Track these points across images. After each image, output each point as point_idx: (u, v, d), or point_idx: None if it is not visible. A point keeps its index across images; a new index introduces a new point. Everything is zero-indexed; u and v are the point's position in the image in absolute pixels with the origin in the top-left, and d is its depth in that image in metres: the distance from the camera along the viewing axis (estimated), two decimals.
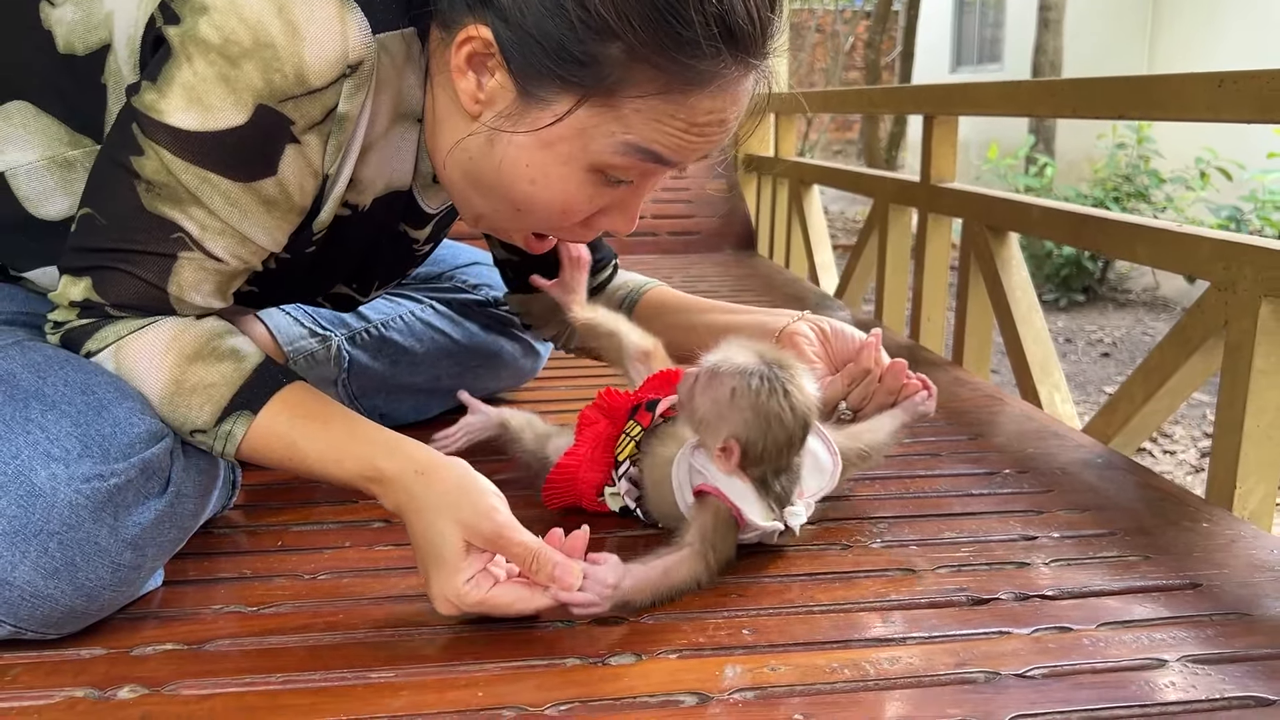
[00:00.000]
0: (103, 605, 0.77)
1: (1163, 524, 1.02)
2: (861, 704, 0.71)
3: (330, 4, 0.76)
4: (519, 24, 0.77)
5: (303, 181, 0.83)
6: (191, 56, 0.77)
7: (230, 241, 0.83)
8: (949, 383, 1.54)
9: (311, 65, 0.77)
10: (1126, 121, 5.72)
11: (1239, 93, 1.12)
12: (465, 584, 0.76)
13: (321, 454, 0.82)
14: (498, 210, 0.90)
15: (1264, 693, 0.72)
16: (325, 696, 0.71)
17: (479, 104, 0.83)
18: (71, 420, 0.76)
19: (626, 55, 0.76)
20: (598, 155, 0.82)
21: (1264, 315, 1.12)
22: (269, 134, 0.79)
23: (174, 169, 0.79)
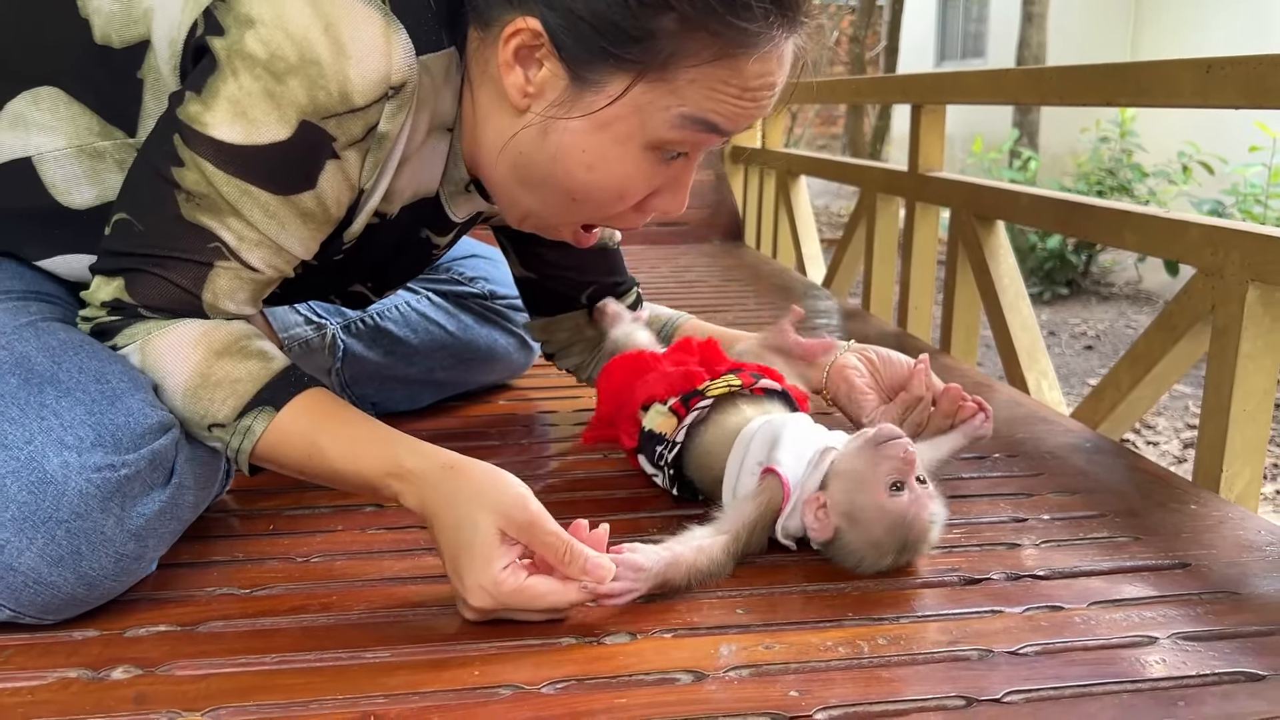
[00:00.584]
0: (102, 594, 0.77)
1: (1151, 506, 1.02)
2: (857, 680, 0.71)
3: (376, 25, 0.77)
4: (568, 9, 0.78)
5: (340, 195, 0.84)
6: (237, 70, 0.77)
7: (267, 252, 0.84)
8: (937, 370, 1.54)
9: (356, 84, 0.77)
10: (1110, 117, 5.75)
11: (1226, 79, 1.12)
12: (502, 571, 0.74)
13: (343, 451, 0.81)
14: (550, 203, 0.89)
15: (1253, 668, 0.73)
16: (320, 676, 0.71)
17: (528, 97, 0.83)
18: (85, 408, 0.75)
19: (680, 25, 0.77)
20: (654, 131, 0.82)
21: (1250, 300, 1.12)
22: (311, 149, 0.80)
23: (215, 181, 0.79)
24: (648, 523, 0.97)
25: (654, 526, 0.95)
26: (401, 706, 0.68)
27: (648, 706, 0.68)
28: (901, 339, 1.77)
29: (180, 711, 0.67)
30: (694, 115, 0.82)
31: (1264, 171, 4.70)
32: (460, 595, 0.76)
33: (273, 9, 0.76)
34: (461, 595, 0.76)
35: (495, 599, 0.74)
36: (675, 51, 0.78)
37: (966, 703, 0.69)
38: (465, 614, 0.77)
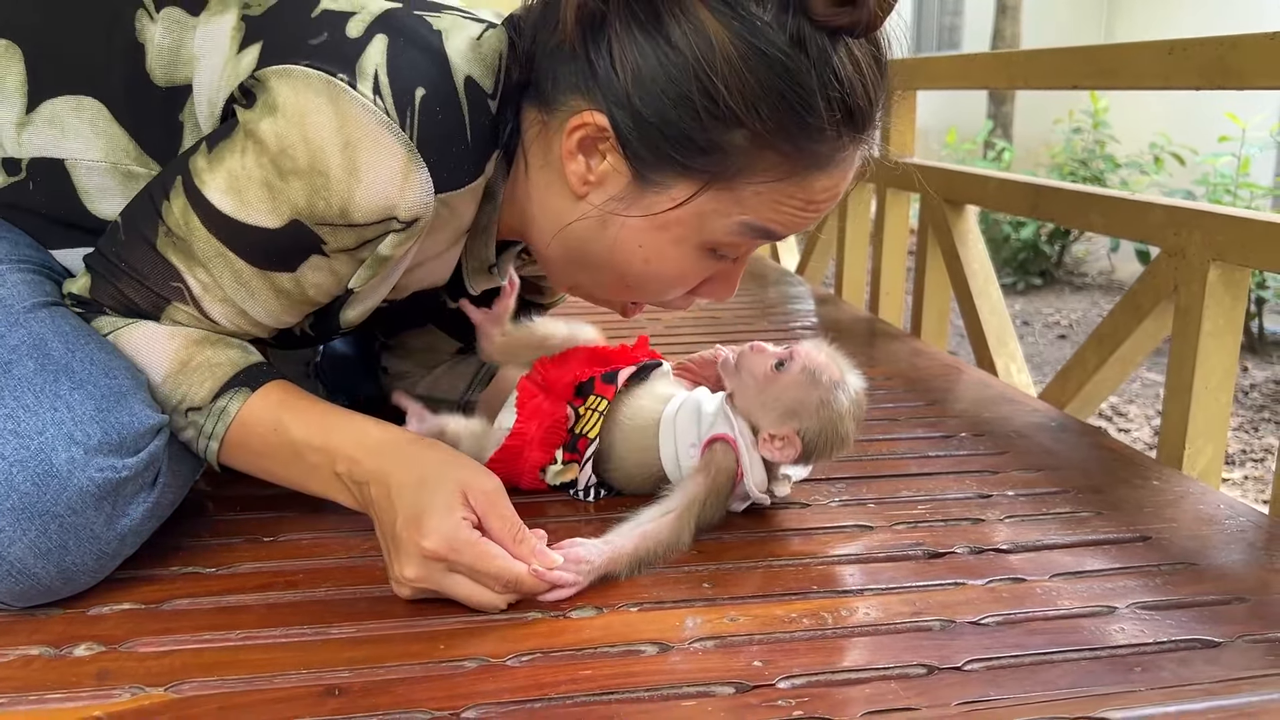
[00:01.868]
0: (75, 587, 0.76)
1: (1114, 482, 1.04)
2: (820, 650, 0.72)
3: (397, 159, 0.75)
4: (637, 110, 0.76)
5: (322, 284, 0.83)
6: (246, 150, 0.76)
7: (229, 310, 0.83)
8: (907, 354, 1.56)
9: (360, 205, 0.76)
10: (1083, 108, 5.79)
11: (1188, 60, 1.13)
12: (462, 521, 0.74)
13: (308, 427, 0.82)
14: (602, 284, 0.89)
15: (1210, 636, 0.74)
16: (284, 652, 0.71)
17: (587, 185, 0.82)
18: (95, 404, 0.75)
19: (751, 143, 0.76)
20: (712, 234, 0.82)
21: (1212, 279, 1.14)
22: (297, 244, 0.79)
23: (196, 233, 0.79)
24: (582, 514, 0.97)
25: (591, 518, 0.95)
26: (366, 680, 0.68)
27: (613, 677, 0.68)
28: (873, 324, 1.78)
29: (144, 687, 0.67)
30: (754, 223, 0.81)
31: (1233, 161, 4.75)
32: (403, 555, 0.75)
33: (299, 104, 0.74)
34: (408, 550, 0.74)
35: (450, 545, 0.73)
36: (744, 167, 0.77)
37: (928, 671, 0.69)
38: (406, 572, 0.75)
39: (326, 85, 0.73)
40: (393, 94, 0.74)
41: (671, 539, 0.84)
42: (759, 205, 0.79)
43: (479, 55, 0.80)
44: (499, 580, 0.75)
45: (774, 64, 0.73)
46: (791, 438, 0.87)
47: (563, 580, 0.77)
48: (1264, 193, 4.78)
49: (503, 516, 0.76)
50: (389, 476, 0.77)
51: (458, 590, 0.75)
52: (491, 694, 0.66)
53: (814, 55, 0.73)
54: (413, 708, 0.65)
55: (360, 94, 0.73)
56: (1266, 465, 3.05)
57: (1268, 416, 3.50)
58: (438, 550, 0.73)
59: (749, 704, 0.65)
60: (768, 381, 0.88)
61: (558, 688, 0.67)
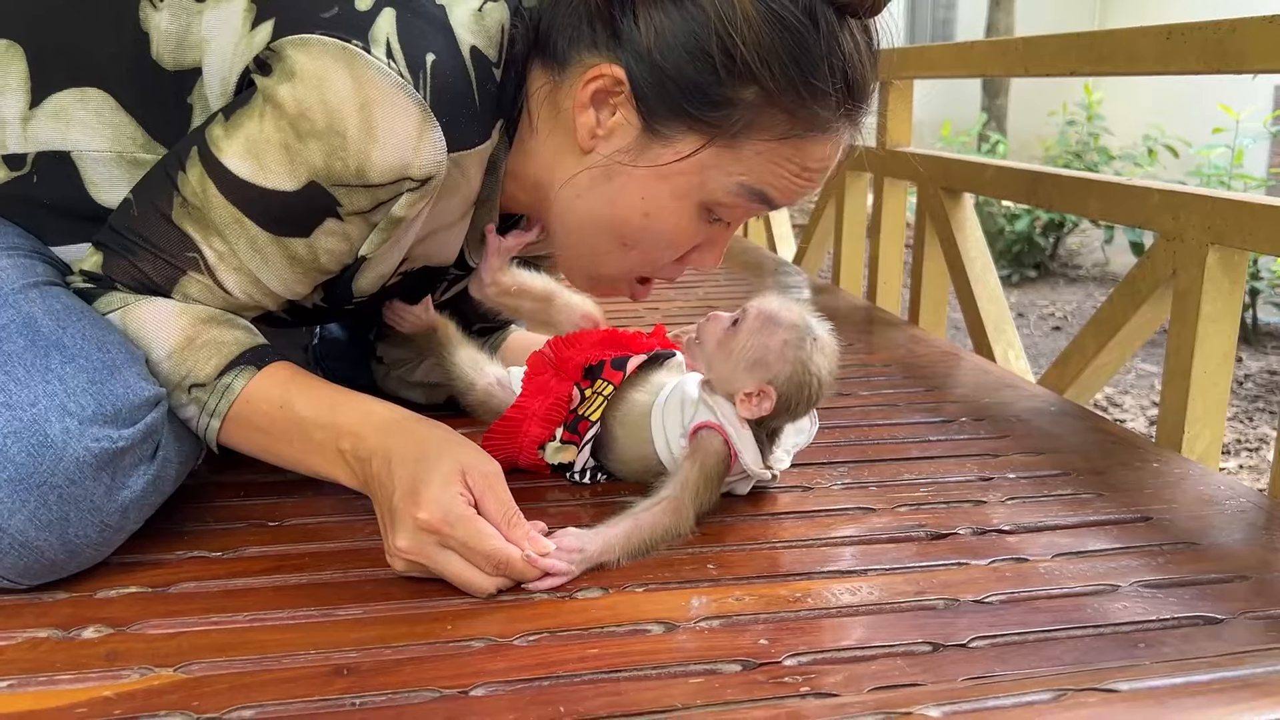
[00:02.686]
0: (81, 561, 0.76)
1: (1115, 465, 1.04)
2: (825, 629, 0.72)
3: (412, 117, 0.77)
4: (656, 64, 0.80)
5: (335, 251, 0.84)
6: (264, 114, 0.78)
7: (244, 280, 0.84)
8: (906, 341, 1.56)
9: (376, 165, 0.77)
10: (1077, 100, 5.80)
11: (1186, 44, 1.14)
12: (459, 497, 0.75)
13: (315, 404, 0.82)
14: (600, 248, 0.90)
15: (1211, 612, 0.75)
16: (292, 633, 0.71)
17: (595, 139, 0.84)
18: (88, 376, 0.75)
19: (761, 99, 0.80)
20: (711, 193, 0.84)
21: (1211, 263, 1.14)
22: (313, 206, 0.80)
23: (212, 200, 0.80)
24: (578, 499, 0.98)
25: (587, 503, 0.96)
26: (374, 659, 0.68)
27: (619, 656, 0.68)
28: (871, 312, 1.79)
29: (152, 667, 0.67)
30: (752, 185, 0.84)
31: (1227, 153, 4.76)
32: (398, 526, 0.75)
33: (316, 69, 0.75)
34: (403, 520, 0.75)
35: (444, 518, 0.74)
36: (750, 123, 0.81)
37: (933, 648, 0.70)
38: (399, 542, 0.75)
39: (342, 50, 0.75)
40: (405, 58, 0.76)
41: (668, 526, 0.84)
42: (758, 166, 0.83)
43: (482, 26, 0.82)
44: (490, 560, 0.75)
45: (789, 28, 0.78)
46: (766, 390, 0.87)
47: (555, 568, 0.77)
48: (1258, 183, 4.79)
49: (499, 499, 0.77)
50: (391, 451, 0.78)
51: (448, 567, 0.75)
52: (499, 673, 0.66)
53: (823, 28, 0.79)
54: (420, 686, 0.65)
55: (375, 57, 0.75)
56: (1261, 455, 3.06)
57: (1262, 407, 3.51)
58: (431, 521, 0.74)
59: (756, 681, 0.66)
60: (727, 340, 0.89)
61: (565, 666, 0.67)
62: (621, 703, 0.63)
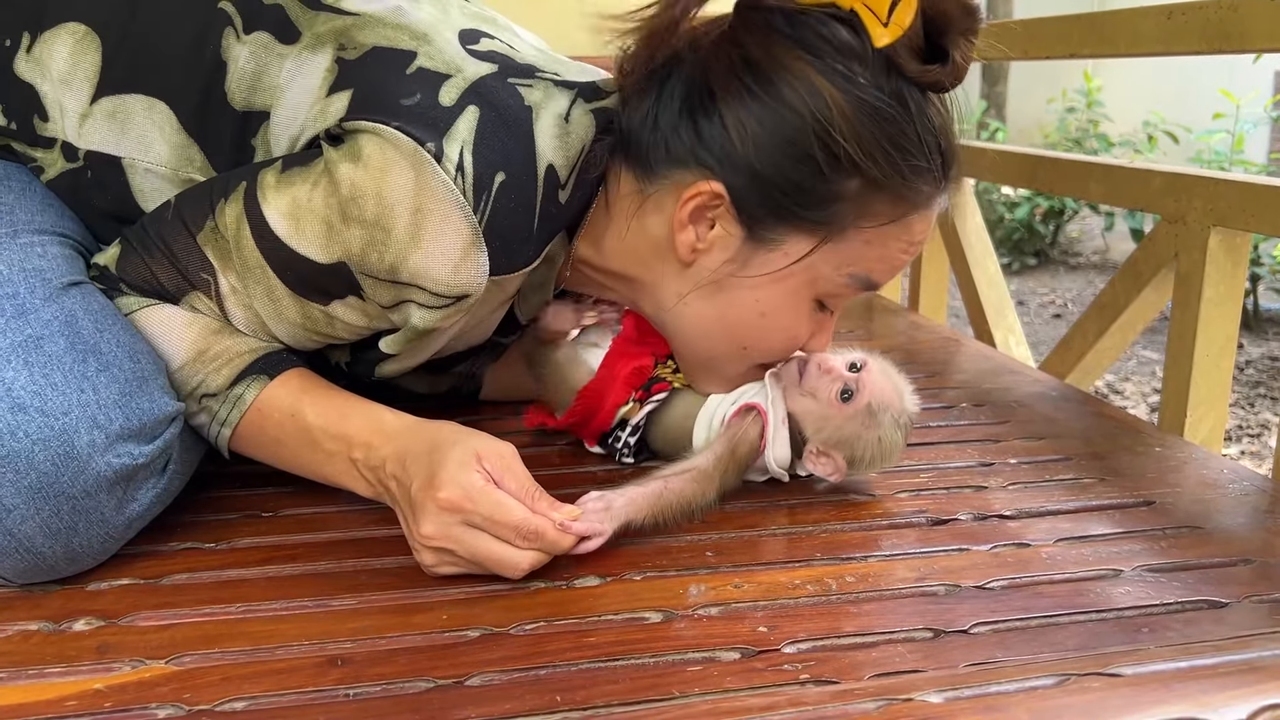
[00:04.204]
0: (78, 567, 0.76)
1: (1117, 449, 1.03)
2: (826, 616, 0.71)
3: (462, 237, 0.76)
4: (753, 171, 0.80)
5: (351, 323, 0.84)
6: (318, 183, 0.77)
7: (250, 317, 0.84)
8: (906, 327, 1.55)
9: (411, 267, 0.77)
10: (1077, 87, 5.78)
11: (1188, 24, 1.13)
12: (476, 474, 0.74)
13: (325, 414, 0.82)
14: (719, 353, 0.90)
15: (1216, 597, 0.74)
16: (286, 624, 0.71)
17: (695, 253, 0.84)
18: (120, 388, 0.75)
19: (865, 189, 0.80)
20: (823, 287, 0.85)
21: (1213, 245, 1.13)
22: (336, 283, 0.80)
23: (243, 240, 0.80)
24: (620, 475, 0.97)
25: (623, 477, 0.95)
26: (369, 650, 0.67)
27: (616, 644, 0.68)
28: (871, 299, 1.78)
29: (144, 660, 0.66)
30: (859, 274, 0.84)
31: (1228, 139, 4.74)
32: (420, 514, 0.74)
33: (381, 161, 0.74)
34: (424, 507, 0.73)
35: (465, 494, 0.72)
36: (857, 214, 0.81)
37: (934, 635, 0.69)
38: (424, 529, 0.73)
39: (414, 152, 0.74)
40: (474, 174, 0.75)
41: (692, 495, 0.84)
42: (865, 253, 0.83)
43: (564, 142, 0.81)
44: (520, 532, 0.73)
45: (883, 115, 0.78)
46: (839, 461, 0.88)
47: (590, 530, 0.76)
48: (1259, 169, 4.77)
49: (518, 477, 0.76)
50: (404, 451, 0.78)
51: (479, 546, 0.73)
52: (495, 662, 0.66)
53: (913, 108, 0.79)
54: (415, 676, 0.64)
55: (443, 169, 0.74)
56: (1263, 441, 3.05)
57: (1263, 393, 3.50)
58: (452, 499, 0.72)
59: (755, 668, 0.65)
60: (830, 408, 0.88)
61: (561, 655, 0.66)
62: (619, 691, 0.62)
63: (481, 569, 0.74)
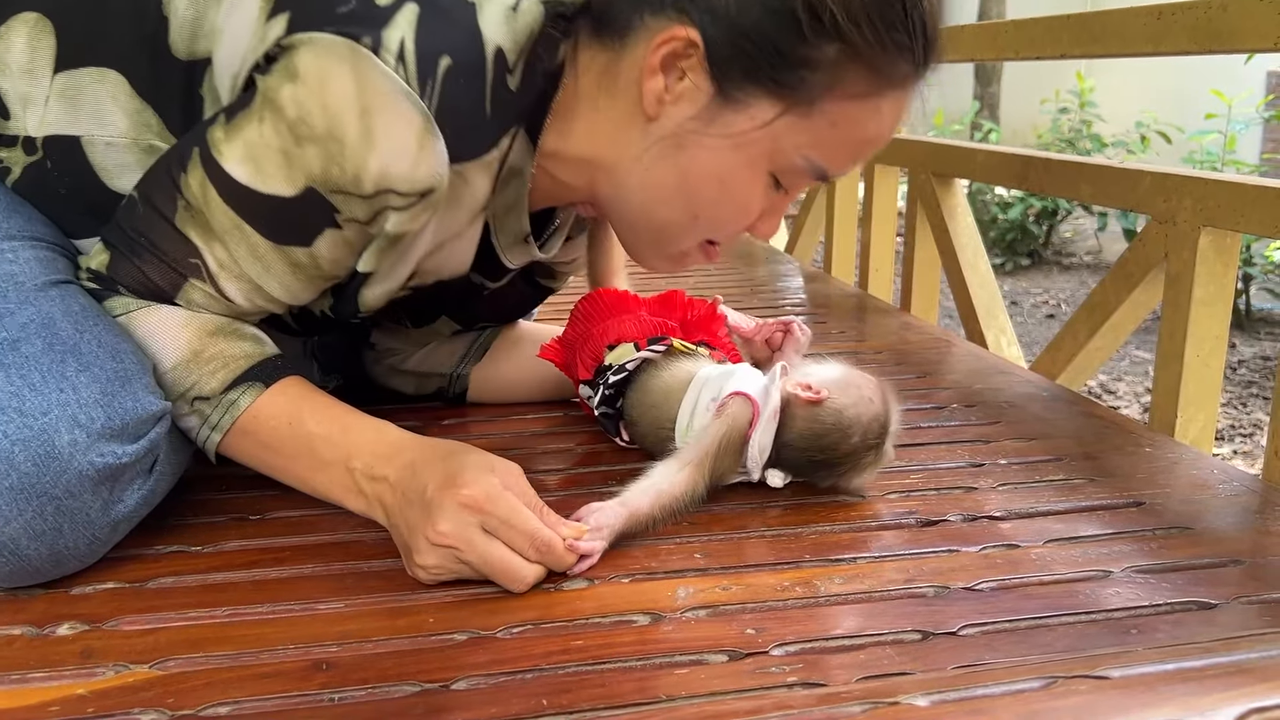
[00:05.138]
0: (64, 571, 0.75)
1: (1107, 450, 1.03)
2: (814, 618, 0.71)
3: (413, 127, 0.74)
4: (734, 23, 0.77)
5: (338, 258, 0.83)
6: (264, 118, 0.76)
7: (244, 287, 0.83)
8: (897, 328, 1.55)
9: (372, 173, 0.75)
10: (1070, 88, 5.78)
11: (1177, 24, 1.13)
12: (495, 479, 0.74)
13: (326, 422, 0.82)
14: (669, 222, 0.87)
15: (1205, 598, 0.74)
16: (272, 627, 0.70)
17: (661, 104, 0.81)
18: (101, 387, 0.74)
19: (843, 57, 0.77)
20: (780, 162, 0.82)
21: (1203, 246, 1.13)
22: (311, 213, 0.79)
23: (212, 204, 0.79)
24: (607, 476, 0.96)
25: (611, 479, 0.95)
26: (355, 654, 0.67)
27: (604, 647, 0.67)
28: (863, 300, 1.77)
29: (128, 664, 0.66)
30: (818, 163, 0.82)
31: (1220, 139, 4.75)
32: (436, 513, 0.73)
33: (319, 72, 0.73)
34: (443, 506, 0.72)
35: (487, 495, 0.72)
36: (829, 85, 0.78)
37: (922, 636, 0.69)
38: (441, 526, 0.72)
39: (350, 51, 0.72)
40: (416, 61, 0.73)
41: (686, 492, 0.84)
42: (829, 137, 0.81)
43: (511, 27, 0.79)
44: (533, 541, 0.73)
45: None
46: (823, 397, 0.88)
47: (591, 550, 0.77)
48: (1250, 169, 4.78)
49: (524, 493, 0.76)
50: (414, 460, 0.77)
51: (491, 552, 0.73)
52: (481, 666, 0.65)
53: None
54: (401, 680, 0.64)
55: (382, 60, 0.72)
56: (1255, 440, 3.05)
57: (1255, 392, 3.51)
58: (475, 497, 0.72)
59: (743, 671, 0.64)
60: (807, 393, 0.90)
61: (549, 659, 0.66)
62: (606, 695, 0.62)
63: (486, 575, 0.74)
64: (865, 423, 0.88)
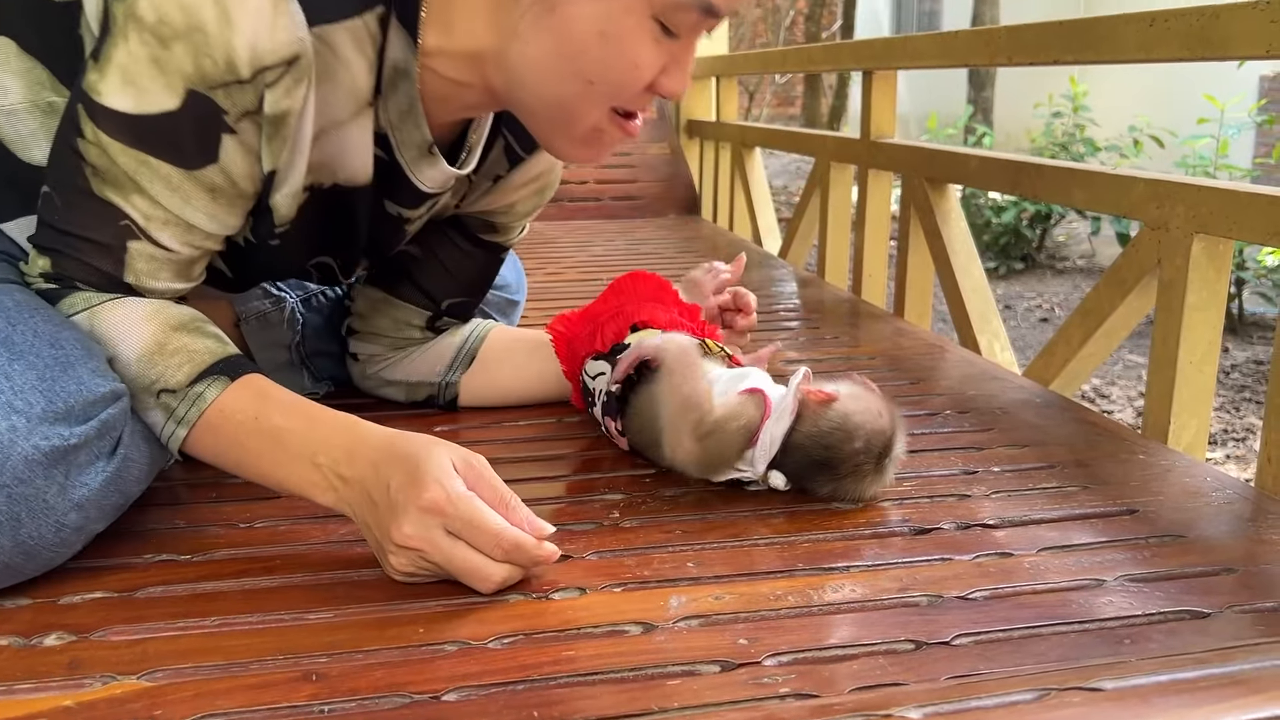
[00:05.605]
0: (40, 564, 0.74)
1: (1100, 457, 1.03)
2: (807, 627, 0.71)
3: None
4: None
5: (247, 170, 0.82)
6: (128, 35, 0.75)
7: (176, 230, 0.82)
8: (891, 333, 1.55)
9: (240, 54, 0.75)
10: (1063, 92, 5.79)
11: (1169, 31, 1.13)
12: (457, 479, 0.73)
13: (292, 416, 0.81)
14: (566, 95, 0.84)
15: (1199, 606, 0.74)
16: (261, 638, 0.70)
17: None
18: (38, 373, 0.73)
19: None
20: (659, 1, 0.79)
21: (1195, 252, 1.13)
22: (202, 121, 0.78)
23: (113, 152, 0.78)
24: (601, 483, 0.96)
25: (604, 486, 0.94)
26: (344, 665, 0.66)
27: (596, 658, 0.67)
28: (856, 305, 1.77)
29: (115, 675, 0.65)
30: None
31: (1212, 144, 4.76)
32: (399, 515, 0.73)
33: None
34: (404, 509, 0.72)
35: (448, 497, 0.72)
36: None
37: (916, 646, 0.68)
38: (405, 529, 0.72)
39: None
40: None
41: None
42: None
43: None
44: (498, 542, 0.73)
45: None
46: (836, 398, 0.90)
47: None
48: (1243, 174, 4.79)
49: (492, 486, 0.75)
50: (377, 458, 0.76)
51: (455, 553, 0.72)
52: (473, 676, 0.65)
53: None
54: (391, 691, 0.63)
55: None
56: (1248, 445, 3.06)
57: (1249, 396, 3.52)
58: (436, 500, 0.72)
59: (736, 682, 0.64)
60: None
61: (540, 669, 0.66)
62: (597, 706, 0.62)
63: (452, 577, 0.74)
64: (870, 431, 0.88)
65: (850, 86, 9.88)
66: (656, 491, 0.94)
